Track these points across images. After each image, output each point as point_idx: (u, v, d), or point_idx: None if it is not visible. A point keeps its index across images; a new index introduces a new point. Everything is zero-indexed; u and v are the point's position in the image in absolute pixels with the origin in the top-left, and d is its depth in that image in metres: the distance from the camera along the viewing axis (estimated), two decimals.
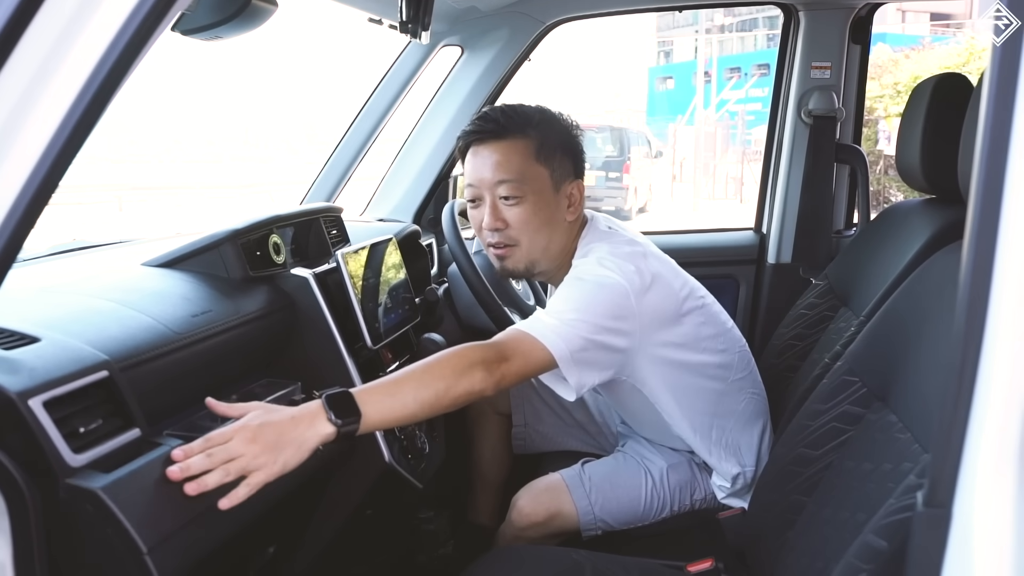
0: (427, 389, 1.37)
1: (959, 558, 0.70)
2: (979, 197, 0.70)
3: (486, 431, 2.27)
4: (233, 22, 1.36)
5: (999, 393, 0.69)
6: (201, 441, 1.14)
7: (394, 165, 2.69)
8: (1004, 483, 0.70)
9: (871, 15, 2.73)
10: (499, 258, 1.77)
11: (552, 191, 1.73)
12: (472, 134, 1.73)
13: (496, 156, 1.69)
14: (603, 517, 1.84)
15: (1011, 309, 0.69)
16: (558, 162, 1.73)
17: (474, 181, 1.73)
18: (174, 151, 25.74)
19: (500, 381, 1.46)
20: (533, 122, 1.72)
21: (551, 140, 1.73)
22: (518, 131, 1.70)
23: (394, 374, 1.40)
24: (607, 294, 1.60)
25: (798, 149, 2.75)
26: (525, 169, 1.69)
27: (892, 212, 2.13)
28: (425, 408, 1.38)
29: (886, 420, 1.26)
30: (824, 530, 1.26)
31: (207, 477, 1.11)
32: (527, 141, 1.70)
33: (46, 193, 0.83)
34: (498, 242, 1.73)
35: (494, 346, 1.49)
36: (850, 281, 2.09)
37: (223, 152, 26.07)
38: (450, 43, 2.58)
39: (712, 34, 26.84)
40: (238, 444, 1.16)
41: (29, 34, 0.80)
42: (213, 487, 1.11)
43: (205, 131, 28.28)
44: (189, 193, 17.19)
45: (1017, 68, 0.69)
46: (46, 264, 1.69)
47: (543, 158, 1.71)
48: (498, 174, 1.69)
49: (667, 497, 1.88)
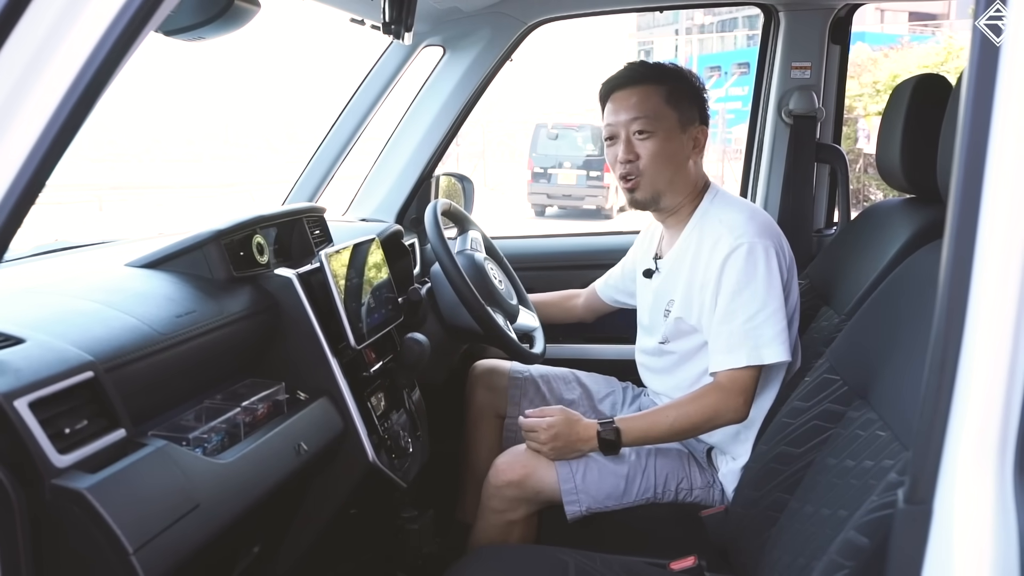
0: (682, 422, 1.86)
1: (940, 554, 0.70)
2: (958, 196, 0.70)
3: (484, 432, 2.29)
4: (216, 23, 1.35)
5: (978, 391, 0.69)
6: (531, 422, 1.90)
7: (376, 165, 2.68)
8: (984, 479, 0.70)
9: (851, 15, 2.75)
10: (629, 190, 1.98)
11: (679, 131, 1.95)
12: (613, 80, 1.99)
13: (633, 98, 1.94)
14: (584, 488, 1.87)
15: (990, 306, 0.69)
16: (686, 108, 1.95)
17: (612, 120, 1.98)
18: (154, 150, 25.58)
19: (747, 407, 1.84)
20: (665, 73, 1.97)
21: (680, 88, 1.96)
22: (653, 78, 1.95)
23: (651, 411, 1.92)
24: (775, 273, 1.84)
25: (779, 149, 2.77)
26: (657, 109, 1.93)
27: (873, 211, 2.15)
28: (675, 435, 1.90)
29: (867, 418, 1.27)
30: (806, 527, 1.27)
31: None
32: (659, 87, 1.94)
33: (32, 193, 0.83)
34: (628, 172, 1.95)
35: (735, 396, 1.82)
36: (831, 280, 2.11)
37: (203, 151, 25.93)
38: (432, 43, 2.57)
39: (692, 33, 26.93)
40: (544, 435, 1.88)
41: (16, 34, 0.80)
42: None
43: (185, 130, 28.11)
44: (169, 192, 17.09)
45: (995, 68, 0.69)
46: (29, 265, 1.68)
47: (672, 102, 1.94)
48: (633, 112, 1.93)
49: (652, 478, 1.91)
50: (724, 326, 1.83)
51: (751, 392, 1.83)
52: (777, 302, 1.81)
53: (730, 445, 1.95)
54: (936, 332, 0.72)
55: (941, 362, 0.71)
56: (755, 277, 1.81)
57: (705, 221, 1.94)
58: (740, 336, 1.81)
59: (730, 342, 1.82)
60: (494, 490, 1.90)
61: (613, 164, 2.00)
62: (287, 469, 1.45)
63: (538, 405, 2.24)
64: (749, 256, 1.82)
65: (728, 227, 1.86)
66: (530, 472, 1.88)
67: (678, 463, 1.96)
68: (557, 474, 1.86)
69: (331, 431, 1.62)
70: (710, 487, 1.95)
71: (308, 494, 1.70)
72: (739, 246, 1.82)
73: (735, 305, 1.82)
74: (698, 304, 1.90)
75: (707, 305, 1.87)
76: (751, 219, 1.88)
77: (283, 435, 1.46)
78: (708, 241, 1.89)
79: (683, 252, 1.97)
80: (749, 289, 1.81)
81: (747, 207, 1.97)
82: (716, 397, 1.83)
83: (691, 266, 1.93)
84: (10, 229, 0.84)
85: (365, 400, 1.76)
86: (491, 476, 1.91)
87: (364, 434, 1.69)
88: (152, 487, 1.11)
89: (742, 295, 1.81)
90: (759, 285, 1.81)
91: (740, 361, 1.81)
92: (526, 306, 2.39)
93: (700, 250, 1.91)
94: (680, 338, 1.98)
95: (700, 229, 1.94)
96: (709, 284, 1.86)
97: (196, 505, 1.16)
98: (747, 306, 1.81)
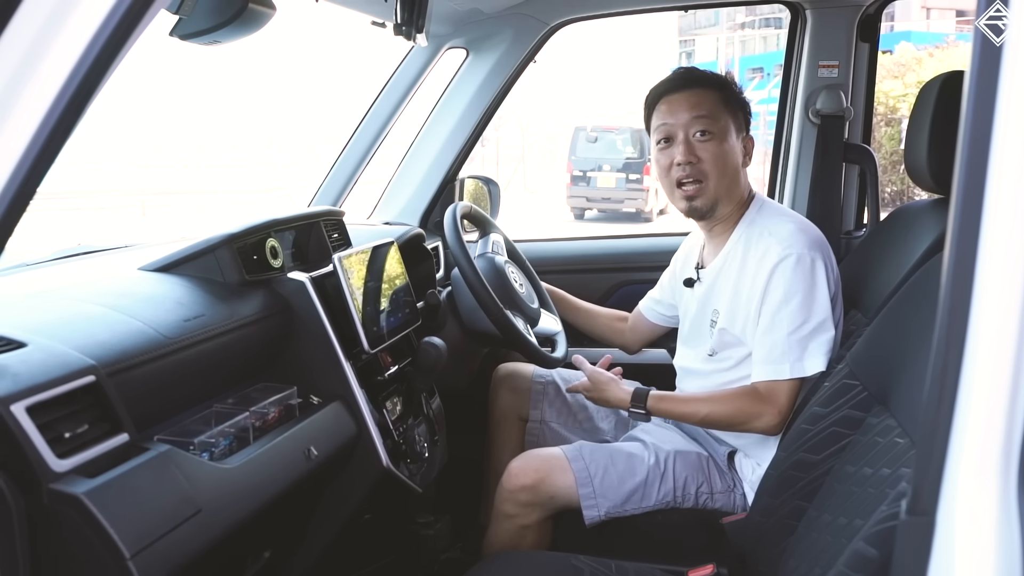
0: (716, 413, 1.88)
1: (943, 566, 0.68)
2: (959, 199, 0.69)
3: (508, 435, 2.28)
4: (231, 26, 1.35)
5: (981, 401, 0.68)
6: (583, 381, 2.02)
7: (400, 168, 2.68)
8: (987, 491, 0.68)
9: (880, 12, 2.69)
10: (688, 197, 1.92)
11: (735, 136, 1.93)
12: (665, 83, 1.96)
13: (693, 98, 1.90)
14: (603, 491, 1.84)
15: (992, 313, 0.67)
16: (738, 114, 1.94)
17: (668, 120, 1.92)
18: (198, 156, 26.00)
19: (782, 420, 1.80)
20: (718, 79, 1.96)
21: (733, 95, 1.95)
22: (710, 82, 1.94)
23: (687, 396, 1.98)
24: (822, 285, 1.81)
25: (806, 149, 2.72)
26: (716, 111, 1.90)
27: (902, 213, 2.10)
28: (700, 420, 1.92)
29: (886, 424, 1.24)
30: (823, 537, 1.25)
31: None
32: (717, 90, 1.93)
33: (26, 196, 0.83)
34: (688, 176, 1.90)
35: (772, 407, 1.80)
36: (859, 283, 2.07)
37: (247, 156, 26.30)
38: (455, 45, 2.57)
39: (734, 31, 26.72)
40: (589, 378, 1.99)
41: (7, 34, 0.80)
42: None
43: (229, 136, 28.54)
44: (212, 197, 17.34)
45: (997, 69, 0.67)
46: (45, 270, 1.69)
47: (729, 107, 1.92)
48: (695, 111, 1.89)
49: (671, 481, 1.89)
50: (768, 336, 1.81)
51: (789, 406, 1.80)
52: (823, 314, 1.79)
53: (756, 449, 1.91)
54: (938, 341, 0.70)
55: (943, 372, 0.69)
56: (803, 288, 1.79)
57: (751, 231, 1.91)
58: (784, 347, 1.79)
59: (773, 353, 1.80)
60: (507, 494, 1.88)
61: (667, 168, 1.94)
62: (296, 474, 1.44)
63: (560, 409, 2.23)
64: (798, 266, 1.79)
65: (777, 238, 1.83)
66: (544, 476, 1.86)
67: (698, 467, 1.93)
68: (575, 477, 1.84)
69: (343, 436, 1.62)
70: (730, 491, 1.92)
71: (322, 499, 1.70)
72: (787, 256, 1.80)
73: (781, 315, 1.79)
74: (743, 315, 1.87)
75: (752, 316, 1.85)
76: (801, 230, 1.85)
77: (292, 440, 1.46)
78: (755, 252, 1.86)
79: (728, 262, 1.94)
80: (796, 300, 1.79)
81: (795, 218, 1.93)
82: (752, 402, 1.82)
83: (737, 277, 1.90)
84: (4, 232, 0.84)
85: (380, 404, 1.76)
86: (504, 480, 1.89)
87: (378, 439, 1.69)
88: (152, 492, 1.11)
89: (789, 305, 1.79)
90: (807, 296, 1.79)
91: (783, 373, 1.79)
92: (548, 309, 2.37)
93: (746, 261, 1.88)
94: (726, 349, 1.95)
95: (746, 239, 1.91)
96: (756, 295, 1.83)
97: (198, 510, 1.16)
98: (794, 317, 1.78)
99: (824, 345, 1.79)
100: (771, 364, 1.80)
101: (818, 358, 1.78)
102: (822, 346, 1.78)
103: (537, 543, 1.89)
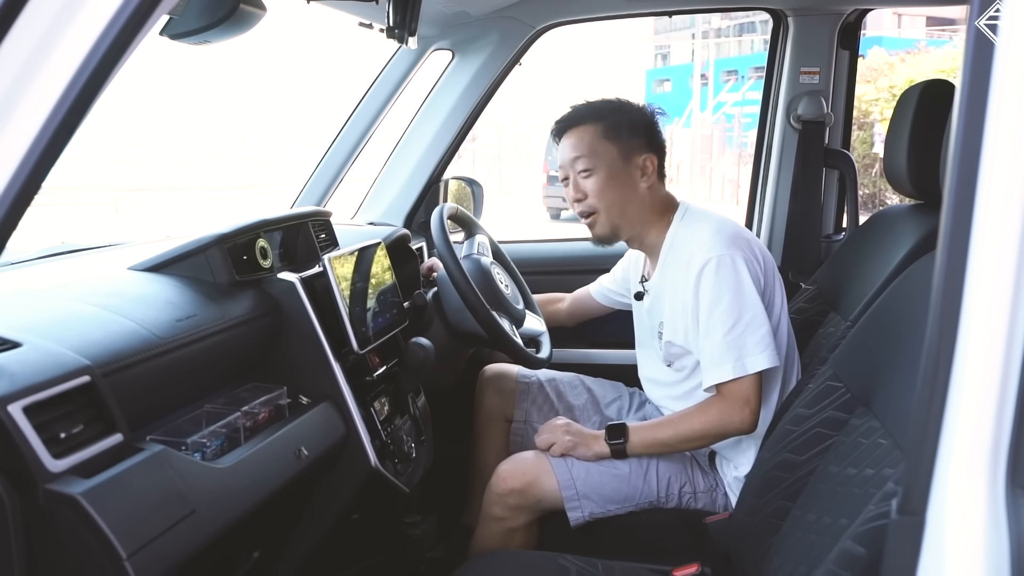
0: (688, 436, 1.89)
1: (933, 566, 0.69)
2: (951, 200, 0.69)
3: (493, 435, 2.30)
4: (221, 27, 1.36)
5: (971, 401, 0.69)
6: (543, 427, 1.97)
7: (385, 168, 2.68)
8: (976, 490, 0.70)
9: (860, 20, 2.74)
10: (590, 227, 2.04)
11: (621, 163, 1.98)
12: (557, 124, 2.05)
13: (572, 138, 2.00)
14: (586, 493, 1.87)
15: (983, 314, 0.68)
16: (626, 139, 1.99)
17: (560, 162, 2.05)
18: (171, 152, 25.75)
19: (754, 417, 1.84)
20: (602, 110, 2.02)
21: (620, 122, 1.99)
22: (590, 118, 2.00)
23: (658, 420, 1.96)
24: (747, 281, 1.85)
25: (787, 154, 2.76)
26: (593, 146, 1.98)
27: (880, 217, 2.14)
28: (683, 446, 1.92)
29: (869, 426, 1.26)
30: (808, 535, 1.26)
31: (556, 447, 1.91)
32: (595, 125, 1.99)
33: (28, 195, 0.83)
34: (582, 211, 2.02)
35: (738, 407, 1.83)
36: (839, 286, 2.09)
37: (220, 153, 26.08)
38: (441, 47, 2.58)
39: (709, 38, 26.85)
40: (560, 430, 1.93)
41: (12, 34, 0.80)
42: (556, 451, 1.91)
43: (203, 132, 28.29)
44: (186, 194, 17.16)
45: (990, 69, 0.68)
46: (32, 268, 1.68)
47: (610, 137, 1.98)
48: (574, 151, 1.99)
49: (654, 482, 1.91)
50: (707, 341, 1.85)
51: (755, 402, 1.83)
52: (753, 310, 1.83)
53: (731, 452, 1.95)
54: (929, 342, 0.71)
55: (933, 372, 0.70)
56: (727, 289, 1.83)
57: (676, 241, 1.97)
58: (723, 349, 1.82)
59: (714, 356, 1.84)
60: (496, 497, 1.90)
61: (571, 204, 2.06)
62: (287, 474, 1.44)
63: (545, 410, 2.25)
64: (719, 270, 1.83)
65: (698, 244, 1.89)
66: (532, 480, 1.88)
67: (680, 467, 1.95)
68: (557, 481, 1.86)
69: (333, 436, 1.62)
70: (713, 491, 1.95)
71: (310, 499, 1.70)
72: (708, 260, 1.84)
73: (713, 320, 1.83)
74: (683, 325, 1.92)
75: (690, 325, 1.90)
76: (717, 232, 1.89)
77: (283, 440, 1.46)
78: (682, 261, 1.91)
79: (663, 276, 2.00)
80: (723, 302, 1.83)
81: (714, 220, 1.97)
82: (720, 408, 1.84)
83: (672, 288, 1.95)
84: (6, 231, 0.84)
85: (368, 405, 1.76)
86: (493, 483, 1.91)
87: (367, 439, 1.69)
88: (147, 492, 1.11)
89: (718, 308, 1.83)
90: (732, 297, 1.82)
91: (727, 374, 1.82)
92: (533, 311, 2.38)
93: (677, 271, 1.94)
94: (677, 359, 2.00)
95: (675, 250, 1.97)
96: (689, 304, 1.88)
97: (192, 510, 1.16)
98: (724, 319, 1.82)
99: (762, 340, 1.82)
100: (714, 368, 1.84)
101: (760, 354, 1.82)
102: (760, 341, 1.82)
103: (525, 544, 1.91)
